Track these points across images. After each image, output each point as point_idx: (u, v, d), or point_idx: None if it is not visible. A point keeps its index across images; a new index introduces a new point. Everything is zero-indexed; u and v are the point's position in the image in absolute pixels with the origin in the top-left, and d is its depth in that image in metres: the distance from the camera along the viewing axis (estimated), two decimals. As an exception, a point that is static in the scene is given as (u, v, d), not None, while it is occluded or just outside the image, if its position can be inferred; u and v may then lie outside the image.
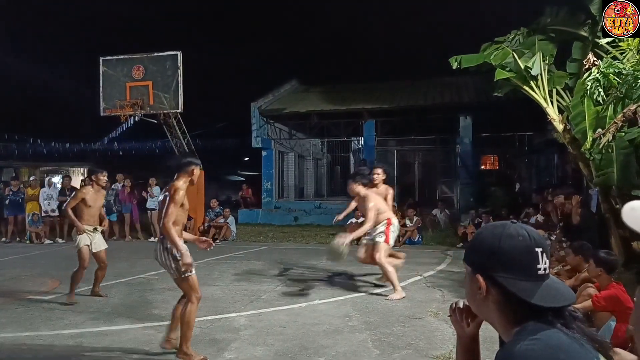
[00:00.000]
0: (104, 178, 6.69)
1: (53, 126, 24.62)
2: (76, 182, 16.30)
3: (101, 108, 13.45)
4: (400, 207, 13.17)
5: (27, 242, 12.93)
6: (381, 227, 6.50)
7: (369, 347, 4.54)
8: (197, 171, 4.56)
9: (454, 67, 9.52)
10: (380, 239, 6.46)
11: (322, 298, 6.42)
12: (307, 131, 20.24)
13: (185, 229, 13.86)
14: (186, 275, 4.21)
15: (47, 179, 15.94)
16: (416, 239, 11.88)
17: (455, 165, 17.22)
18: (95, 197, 6.47)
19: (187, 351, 4.15)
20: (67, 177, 14.86)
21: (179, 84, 12.85)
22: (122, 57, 13.33)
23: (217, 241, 12.73)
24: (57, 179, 17.38)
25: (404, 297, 6.23)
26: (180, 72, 12.88)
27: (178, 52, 12.90)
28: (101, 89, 13.42)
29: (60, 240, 13.06)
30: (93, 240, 6.35)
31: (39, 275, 8.24)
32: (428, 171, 20.04)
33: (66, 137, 22.43)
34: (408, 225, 11.92)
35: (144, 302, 6.25)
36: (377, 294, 6.63)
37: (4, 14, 26.39)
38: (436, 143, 18.13)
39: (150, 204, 13.36)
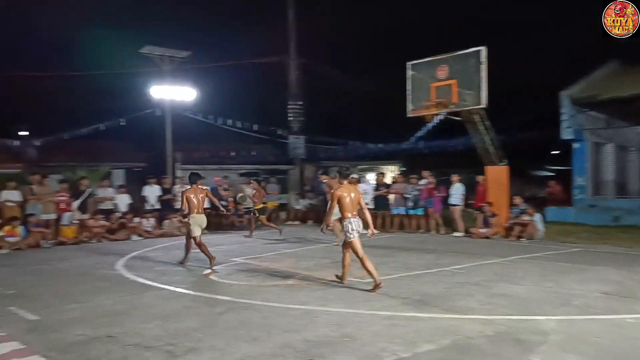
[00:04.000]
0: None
1: (369, 129, 27.57)
2: (388, 178, 17.86)
3: (409, 109, 14.43)
4: None
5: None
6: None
7: None
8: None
9: None
10: None
11: (651, 312, 5.54)
12: (631, 118, 17.47)
13: (487, 225, 13.63)
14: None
15: (362, 176, 18.03)
16: None
17: None
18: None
19: None
20: (380, 175, 16.46)
21: (482, 80, 12.79)
22: (427, 59, 14.00)
23: (522, 239, 12.21)
24: (371, 176, 19.45)
25: None
26: (483, 67, 12.81)
27: (482, 48, 12.83)
28: (409, 91, 14.40)
29: (375, 231, 14.55)
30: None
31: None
32: None
33: (379, 138, 24.81)
34: None
35: (450, 294, 6.51)
36: None
37: (331, 33, 30.79)
38: None
39: (452, 200, 13.71)
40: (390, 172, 25.27)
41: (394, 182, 15.67)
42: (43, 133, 21.65)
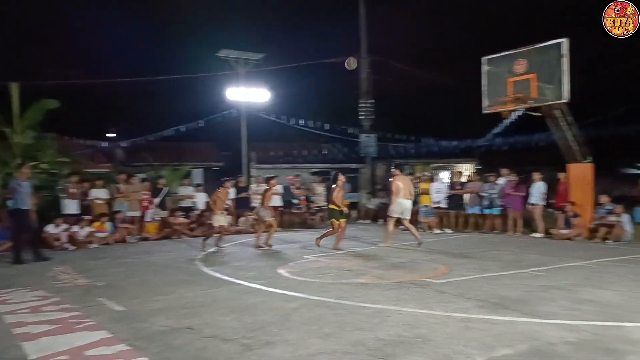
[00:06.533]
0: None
1: (442, 126, 26.96)
2: (462, 177, 17.38)
3: (485, 106, 13.98)
4: None
5: (421, 231, 14.54)
6: None
7: None
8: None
9: None
10: None
11: None
12: None
13: (569, 225, 12.89)
14: None
15: (436, 174, 17.67)
16: None
17: None
18: None
19: None
20: (455, 173, 16.04)
21: (564, 73, 12.16)
22: (504, 53, 13.52)
23: (608, 241, 11.49)
24: (444, 175, 19.01)
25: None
26: (565, 60, 12.18)
27: (563, 40, 12.22)
28: (484, 87, 13.95)
29: (448, 231, 14.24)
30: None
31: (432, 261, 9.23)
32: None
33: (454, 135, 24.19)
34: None
35: (530, 297, 6.23)
36: None
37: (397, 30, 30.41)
38: None
39: (533, 199, 13.13)
40: (466, 170, 24.60)
41: (469, 181, 15.22)
42: (129, 135, 22.99)
